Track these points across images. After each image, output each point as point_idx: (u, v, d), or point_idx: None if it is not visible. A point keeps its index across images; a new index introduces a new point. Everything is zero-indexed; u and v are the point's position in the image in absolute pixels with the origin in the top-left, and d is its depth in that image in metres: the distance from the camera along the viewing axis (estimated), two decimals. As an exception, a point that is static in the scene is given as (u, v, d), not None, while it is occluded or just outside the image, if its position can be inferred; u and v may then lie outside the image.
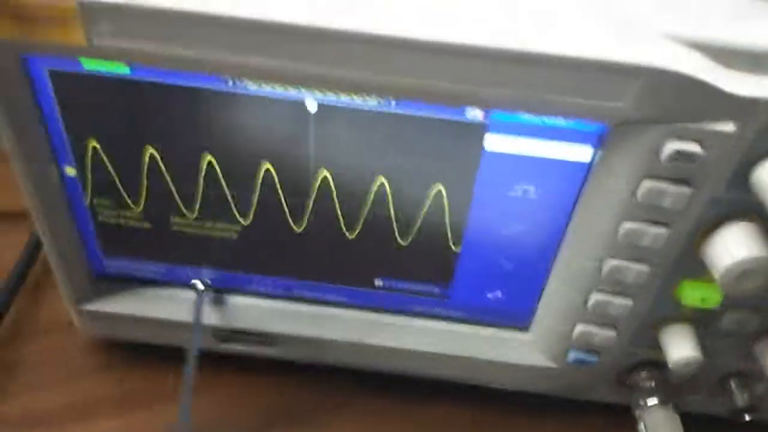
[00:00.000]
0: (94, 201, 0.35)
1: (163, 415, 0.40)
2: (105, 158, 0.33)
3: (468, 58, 0.26)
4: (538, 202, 0.32)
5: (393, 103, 0.30)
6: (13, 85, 0.30)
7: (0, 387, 0.40)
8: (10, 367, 0.42)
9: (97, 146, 0.32)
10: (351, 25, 0.26)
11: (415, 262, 0.36)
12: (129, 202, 0.35)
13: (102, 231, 0.36)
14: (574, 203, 0.32)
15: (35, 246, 0.46)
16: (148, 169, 0.33)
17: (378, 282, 0.38)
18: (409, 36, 0.26)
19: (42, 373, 0.41)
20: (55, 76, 0.30)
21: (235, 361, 0.42)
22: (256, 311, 0.39)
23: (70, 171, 0.34)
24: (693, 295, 0.33)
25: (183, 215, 0.35)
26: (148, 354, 0.42)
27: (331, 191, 0.33)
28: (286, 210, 0.34)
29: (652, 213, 0.30)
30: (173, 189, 0.34)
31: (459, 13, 0.26)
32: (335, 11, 0.26)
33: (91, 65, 0.29)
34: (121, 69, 0.29)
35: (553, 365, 0.38)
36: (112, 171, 0.33)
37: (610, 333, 0.35)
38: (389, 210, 0.34)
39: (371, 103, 0.30)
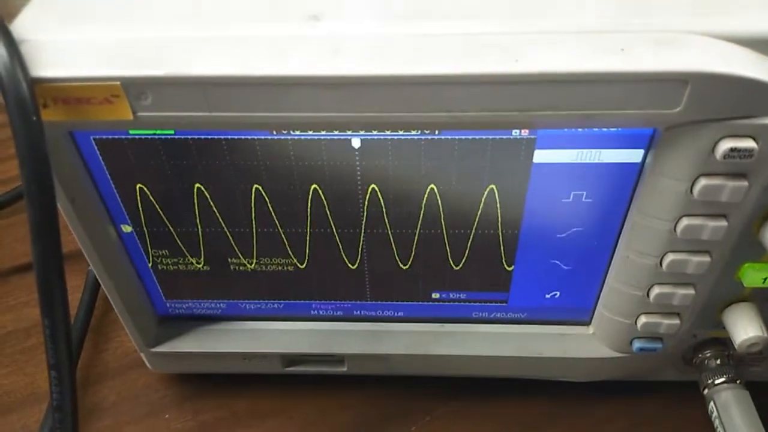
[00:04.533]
0: (153, 253, 0.36)
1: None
2: (159, 213, 0.34)
3: (512, 85, 0.26)
4: (592, 205, 0.32)
5: (436, 131, 0.30)
6: (63, 156, 0.30)
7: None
8: (90, 410, 0.43)
9: (150, 203, 0.33)
10: (389, 69, 0.25)
11: (472, 275, 0.36)
12: (186, 251, 0.36)
13: (163, 278, 0.37)
14: (629, 203, 0.32)
15: (93, 288, 0.48)
16: (201, 218, 0.34)
17: (435, 295, 0.38)
18: (451, 72, 0.25)
19: (121, 414, 0.43)
20: (101, 144, 0.30)
21: (310, 380, 0.42)
22: (318, 335, 0.40)
23: (127, 228, 0.34)
24: (755, 276, 0.33)
25: (240, 257, 0.36)
26: (219, 381, 0.43)
27: (383, 220, 0.34)
28: (339, 243, 0.35)
29: (710, 207, 0.29)
30: (228, 234, 0.35)
31: (485, 43, 0.26)
32: (372, 57, 0.26)
33: (136, 131, 0.30)
34: (166, 131, 0.30)
35: (617, 355, 0.38)
36: (167, 224, 0.34)
37: (674, 321, 0.35)
38: (442, 229, 0.34)
39: (413, 133, 0.30)
